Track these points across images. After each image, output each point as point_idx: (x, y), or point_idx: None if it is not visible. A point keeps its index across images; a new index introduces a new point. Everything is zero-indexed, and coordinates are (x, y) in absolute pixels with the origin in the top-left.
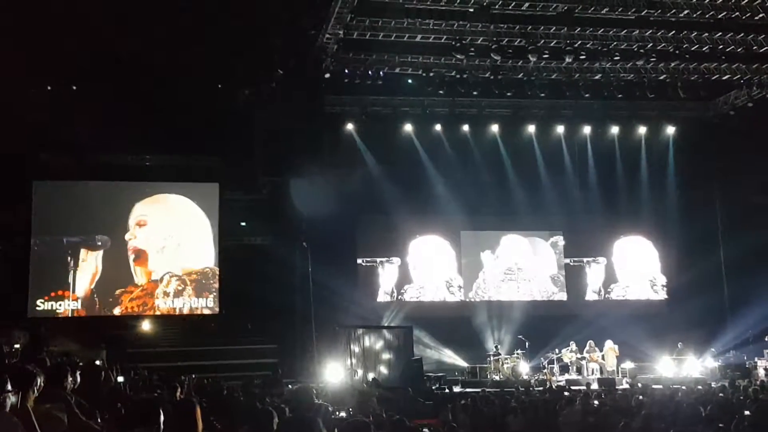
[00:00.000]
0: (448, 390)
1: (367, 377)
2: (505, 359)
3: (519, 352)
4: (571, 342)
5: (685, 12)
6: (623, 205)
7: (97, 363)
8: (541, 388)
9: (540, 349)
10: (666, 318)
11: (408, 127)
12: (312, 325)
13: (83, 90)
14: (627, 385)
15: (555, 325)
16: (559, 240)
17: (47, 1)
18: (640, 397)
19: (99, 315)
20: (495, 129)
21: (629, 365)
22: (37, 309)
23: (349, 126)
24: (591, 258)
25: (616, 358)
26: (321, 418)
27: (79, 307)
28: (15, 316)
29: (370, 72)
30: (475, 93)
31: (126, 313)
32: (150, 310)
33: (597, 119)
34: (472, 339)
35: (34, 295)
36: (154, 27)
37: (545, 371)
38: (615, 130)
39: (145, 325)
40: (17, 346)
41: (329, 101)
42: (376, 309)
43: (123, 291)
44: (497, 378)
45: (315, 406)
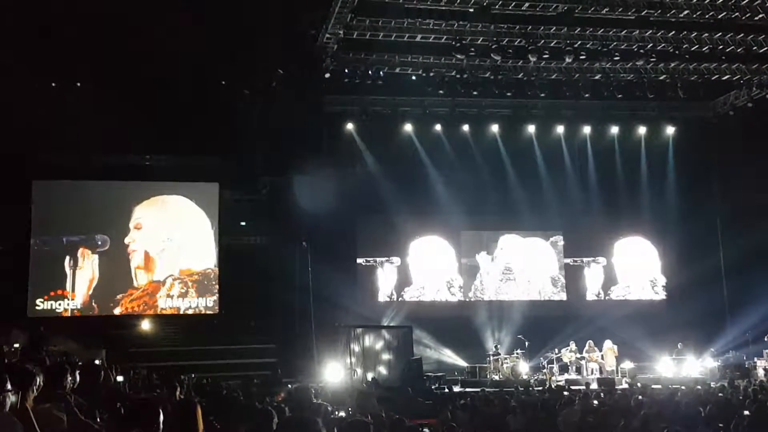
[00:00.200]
0: (447, 390)
1: (367, 377)
2: (505, 359)
3: (518, 351)
4: (571, 342)
5: (685, 12)
6: (623, 205)
7: (97, 362)
8: (541, 387)
9: (539, 349)
10: (665, 318)
11: (408, 127)
12: (312, 325)
13: (83, 90)
14: (626, 385)
15: (554, 325)
16: (559, 240)
17: (47, 1)
18: (639, 397)
19: (99, 315)
20: (495, 129)
21: (629, 365)
22: (37, 308)
23: (349, 126)
24: (591, 258)
25: (615, 358)
26: (321, 417)
27: (79, 307)
28: (15, 315)
29: (370, 72)
30: (476, 93)
31: (126, 313)
32: (150, 309)
33: (597, 119)
34: (471, 339)
35: (33, 295)
36: (154, 27)
37: (545, 371)
38: (615, 130)
39: (145, 325)
40: (17, 345)
41: (329, 101)
42: (375, 309)
43: (123, 296)
44: (497, 378)
45: (314, 405)
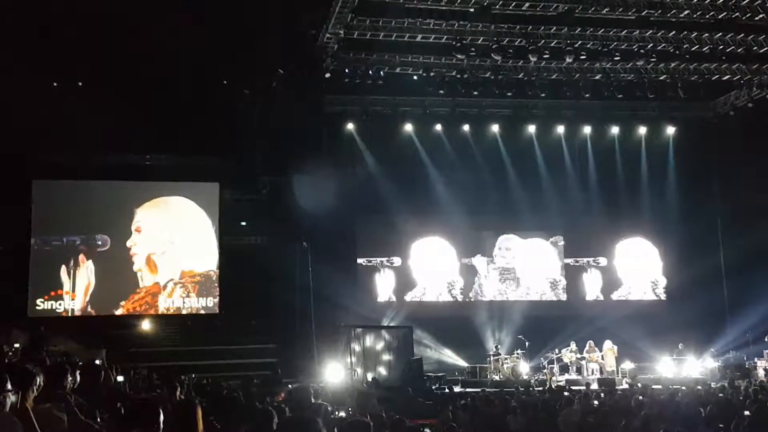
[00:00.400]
0: (448, 390)
1: (367, 377)
2: (505, 359)
3: (519, 352)
4: (572, 342)
5: (686, 12)
6: (623, 205)
7: (97, 362)
8: (541, 388)
9: (540, 349)
10: (666, 318)
11: (408, 127)
12: (312, 325)
13: (83, 90)
14: (627, 386)
15: (555, 326)
16: (559, 240)
17: (48, 1)
18: (639, 398)
19: (99, 315)
20: (495, 129)
21: (629, 365)
22: (37, 308)
23: (350, 126)
24: (591, 258)
25: (615, 358)
26: (321, 417)
27: (79, 307)
28: (15, 315)
29: (370, 72)
30: (476, 93)
31: (126, 313)
32: (150, 309)
33: (597, 119)
34: (472, 339)
35: (34, 295)
36: (154, 27)
37: (545, 371)
38: (615, 130)
39: (145, 325)
40: (17, 345)
41: (330, 101)
42: (376, 309)
43: (125, 300)
44: (497, 378)
45: (314, 405)
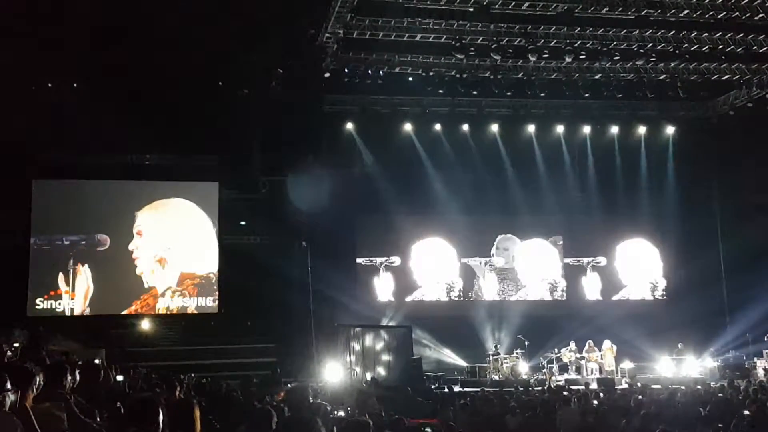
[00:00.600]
0: (447, 389)
1: (366, 377)
2: (505, 359)
3: (518, 351)
4: (571, 341)
5: (685, 12)
6: (623, 205)
7: (97, 362)
8: (540, 387)
9: (539, 349)
10: (665, 318)
11: (408, 127)
12: (311, 325)
13: (83, 90)
14: (626, 385)
15: (554, 325)
16: (559, 240)
17: (47, 1)
18: (639, 397)
19: (99, 314)
20: (495, 128)
21: (628, 365)
22: (37, 308)
23: (349, 125)
24: (591, 258)
25: (614, 358)
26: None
27: (79, 306)
28: (14, 315)
29: (369, 71)
30: (475, 92)
31: (126, 313)
32: (150, 310)
33: (597, 119)
34: (471, 339)
35: (33, 294)
36: (154, 27)
37: (544, 371)
38: (615, 129)
39: (145, 324)
40: (16, 345)
41: (329, 100)
42: (375, 308)
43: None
44: (496, 378)
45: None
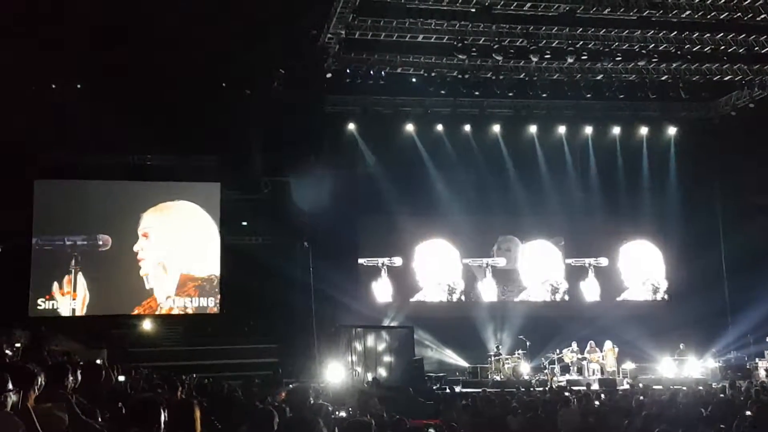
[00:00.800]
0: (449, 390)
1: (368, 377)
2: (506, 359)
3: (520, 352)
4: (573, 342)
5: (687, 13)
6: (624, 206)
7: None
8: (542, 388)
9: (541, 350)
10: (667, 319)
11: (409, 127)
12: (313, 325)
13: (84, 90)
14: (628, 386)
15: (556, 326)
16: (560, 240)
17: (47, 1)
18: (640, 398)
19: (100, 314)
20: (496, 129)
21: (630, 366)
22: (38, 308)
23: (351, 126)
24: (592, 258)
25: (615, 358)
26: (322, 418)
27: (80, 307)
28: (16, 315)
29: (371, 72)
30: (477, 93)
31: (127, 313)
32: (152, 310)
33: (598, 120)
34: (473, 339)
35: (35, 295)
36: (154, 26)
37: (546, 371)
38: (616, 130)
39: (146, 325)
40: (18, 345)
41: (331, 101)
42: (377, 309)
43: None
44: (498, 378)
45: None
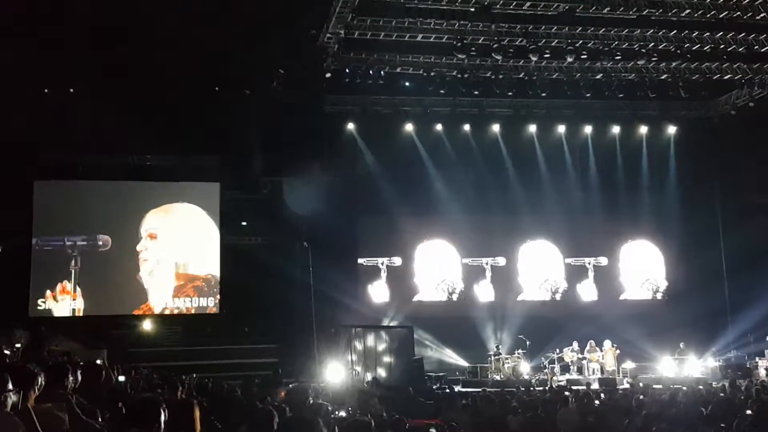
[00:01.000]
0: (448, 390)
1: (368, 377)
2: (506, 359)
3: (520, 351)
4: (574, 341)
5: (687, 12)
6: (624, 205)
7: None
8: (542, 387)
9: (541, 349)
10: (667, 318)
11: (409, 127)
12: (313, 325)
13: (84, 90)
14: (628, 385)
15: (556, 325)
16: (560, 240)
17: (47, 1)
18: (641, 397)
19: (100, 315)
20: (496, 129)
21: (630, 365)
22: (38, 308)
23: (350, 125)
24: (592, 258)
25: (615, 358)
26: (321, 417)
27: (80, 307)
28: (16, 315)
29: (371, 71)
30: (476, 93)
31: (127, 313)
32: (152, 310)
33: (598, 119)
34: (472, 339)
35: (35, 295)
36: (154, 27)
37: (546, 371)
38: (616, 129)
39: (146, 325)
40: (18, 345)
41: (330, 101)
42: (376, 309)
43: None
44: (498, 378)
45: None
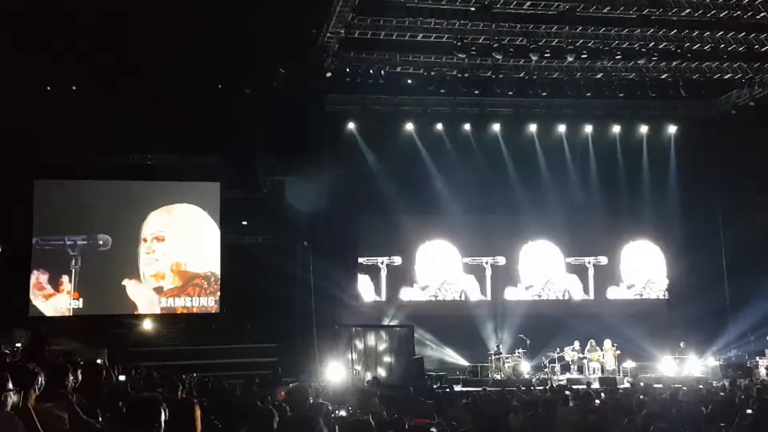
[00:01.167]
0: (449, 389)
1: (368, 376)
2: (506, 358)
3: (520, 351)
4: (576, 341)
5: (687, 11)
6: (624, 204)
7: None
8: (542, 387)
9: (541, 349)
10: (667, 317)
11: (409, 126)
12: (313, 324)
13: (84, 90)
14: (628, 385)
15: (556, 325)
16: (560, 239)
17: (47, 1)
18: (641, 397)
19: (100, 314)
20: (496, 128)
21: (630, 364)
22: (38, 308)
23: (350, 125)
24: (592, 257)
25: (614, 357)
26: (322, 417)
27: (80, 306)
28: (16, 315)
29: (371, 71)
30: (477, 92)
31: (127, 313)
32: (152, 310)
33: (598, 118)
34: (473, 338)
35: (34, 295)
36: (154, 27)
37: (546, 370)
38: (616, 129)
39: (147, 324)
40: (18, 345)
41: (331, 100)
42: (377, 308)
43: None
44: (498, 377)
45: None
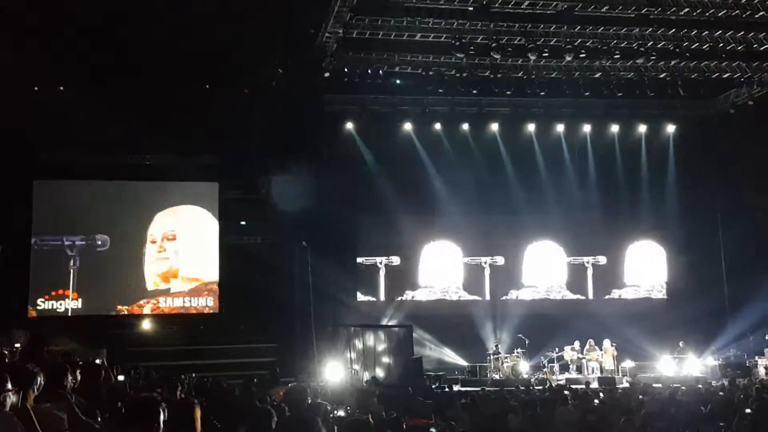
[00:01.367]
0: (447, 389)
1: (366, 376)
2: (505, 358)
3: (519, 351)
4: (576, 341)
5: (685, 10)
6: (623, 204)
7: (97, 362)
8: (541, 387)
9: (540, 348)
10: (666, 317)
11: (408, 126)
12: (312, 324)
13: (83, 90)
14: (627, 384)
15: (555, 324)
16: (559, 239)
17: (47, 1)
18: (640, 396)
19: (99, 314)
20: (495, 128)
21: (630, 364)
22: (38, 308)
23: (349, 125)
24: (591, 257)
25: (613, 357)
26: (320, 417)
27: (79, 307)
28: (15, 315)
29: (369, 71)
30: (475, 92)
31: (126, 313)
32: (152, 309)
33: (597, 118)
34: (472, 338)
35: (34, 295)
36: (154, 27)
37: (545, 370)
38: (615, 128)
39: (146, 324)
40: (17, 345)
41: (329, 100)
42: (376, 308)
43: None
44: (497, 377)
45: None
